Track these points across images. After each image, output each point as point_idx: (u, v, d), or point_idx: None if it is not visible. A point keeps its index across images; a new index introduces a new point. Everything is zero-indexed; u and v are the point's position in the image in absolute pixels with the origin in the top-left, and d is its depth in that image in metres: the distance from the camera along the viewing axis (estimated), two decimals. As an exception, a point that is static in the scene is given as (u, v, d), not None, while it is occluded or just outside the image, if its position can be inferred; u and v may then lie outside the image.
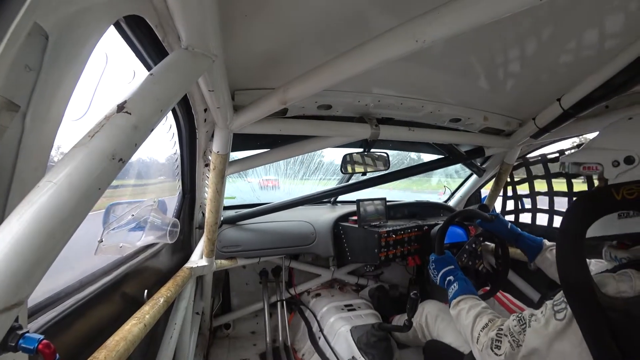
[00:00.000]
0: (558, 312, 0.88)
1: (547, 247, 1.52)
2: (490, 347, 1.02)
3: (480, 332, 1.08)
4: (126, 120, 0.56)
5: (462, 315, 1.20)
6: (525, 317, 0.98)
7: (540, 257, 1.52)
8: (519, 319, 0.99)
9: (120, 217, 1.23)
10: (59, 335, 0.82)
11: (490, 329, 1.06)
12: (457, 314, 1.23)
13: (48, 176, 0.48)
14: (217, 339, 2.41)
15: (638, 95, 1.44)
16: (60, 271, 0.90)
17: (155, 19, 0.77)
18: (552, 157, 2.10)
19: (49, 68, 0.54)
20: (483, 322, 1.10)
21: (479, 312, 1.16)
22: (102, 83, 0.79)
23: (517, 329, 0.97)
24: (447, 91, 1.49)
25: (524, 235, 1.60)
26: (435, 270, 1.46)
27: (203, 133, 1.46)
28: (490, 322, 1.09)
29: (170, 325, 1.46)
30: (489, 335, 1.05)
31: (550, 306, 0.91)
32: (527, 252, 1.57)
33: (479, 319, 1.13)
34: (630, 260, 0.94)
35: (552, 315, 0.89)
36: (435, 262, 1.48)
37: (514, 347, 0.95)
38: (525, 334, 0.94)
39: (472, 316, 1.15)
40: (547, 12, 0.97)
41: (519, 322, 0.98)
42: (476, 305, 1.20)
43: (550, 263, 1.49)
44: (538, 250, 1.53)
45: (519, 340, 0.95)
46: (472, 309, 1.19)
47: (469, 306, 1.21)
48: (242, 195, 3.02)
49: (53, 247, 0.45)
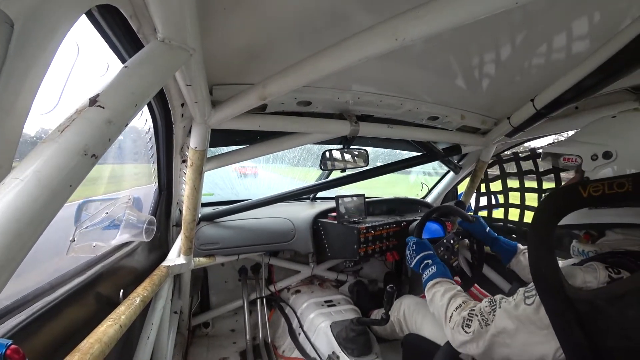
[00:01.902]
0: (528, 298, 0.93)
1: (521, 251, 1.59)
2: (461, 326, 1.08)
3: (453, 311, 1.14)
4: (99, 114, 0.54)
5: (437, 297, 1.25)
6: (497, 300, 1.03)
7: (515, 259, 1.59)
8: (490, 301, 1.05)
9: (94, 215, 1.19)
10: (29, 339, 0.78)
11: (463, 309, 1.11)
12: (432, 296, 1.28)
13: (14, 173, 0.45)
14: (196, 338, 2.37)
15: (605, 98, 1.51)
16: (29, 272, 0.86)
17: (130, 9, 0.74)
18: (524, 155, 2.18)
19: (14, 58, 0.51)
20: (457, 303, 1.16)
21: (454, 294, 1.21)
22: (73, 75, 0.76)
23: (488, 309, 1.03)
24: (426, 89, 1.51)
25: (499, 239, 1.66)
26: (414, 252, 1.51)
27: (180, 128, 1.42)
28: (463, 304, 1.15)
29: (147, 326, 1.43)
30: (461, 314, 1.10)
31: (522, 292, 0.97)
32: (502, 255, 1.64)
33: (453, 300, 1.18)
34: (597, 253, 0.99)
35: (522, 300, 0.94)
36: (415, 245, 1.53)
37: (482, 325, 1.01)
38: (495, 314, 1.00)
39: (447, 297, 1.20)
40: (521, 16, 1.00)
41: (490, 304, 1.04)
42: (451, 289, 1.25)
43: (523, 266, 1.56)
44: (512, 254, 1.60)
45: (488, 319, 1.01)
46: (447, 291, 1.23)
47: (444, 289, 1.25)
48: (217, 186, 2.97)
49: (20, 247, 0.43)
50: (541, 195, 2.09)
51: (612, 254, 0.93)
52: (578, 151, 1.05)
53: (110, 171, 1.77)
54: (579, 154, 1.04)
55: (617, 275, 0.83)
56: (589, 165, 1.01)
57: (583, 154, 1.03)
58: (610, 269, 0.85)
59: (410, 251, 1.54)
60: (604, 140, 1.00)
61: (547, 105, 1.40)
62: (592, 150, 1.01)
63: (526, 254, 1.55)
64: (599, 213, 0.98)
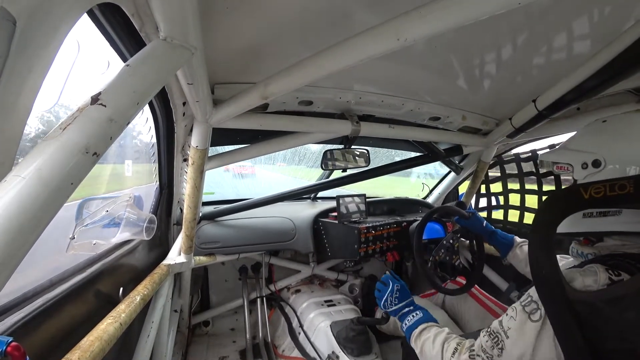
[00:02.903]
0: (532, 314, 0.89)
1: (518, 244, 1.60)
2: None
3: (450, 358, 1.06)
4: (101, 112, 0.54)
5: (428, 345, 1.15)
6: (496, 330, 0.96)
7: (512, 253, 1.60)
8: (489, 334, 0.98)
9: (94, 213, 1.19)
10: (29, 336, 0.78)
11: (461, 353, 1.04)
12: (421, 345, 1.18)
13: (16, 170, 0.45)
14: (196, 337, 2.38)
15: (608, 99, 1.51)
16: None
17: (132, 7, 0.74)
18: (525, 157, 2.17)
19: (16, 56, 0.51)
20: (452, 348, 1.07)
21: (445, 338, 1.13)
22: (73, 73, 0.76)
23: (489, 344, 0.96)
24: (427, 90, 1.51)
25: (497, 232, 1.67)
26: (396, 299, 1.38)
27: (181, 127, 1.42)
28: (458, 346, 1.07)
29: (148, 324, 1.43)
30: (460, 358, 1.03)
31: (521, 309, 0.92)
32: (500, 249, 1.65)
33: (446, 344, 1.10)
34: (596, 255, 0.99)
35: (527, 319, 0.89)
36: (400, 292, 1.39)
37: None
38: (504, 347, 0.93)
39: (439, 343, 1.12)
40: (523, 17, 1.00)
41: (490, 337, 0.97)
42: (441, 332, 1.16)
43: (520, 259, 1.56)
44: (510, 247, 1.60)
45: (493, 355, 0.94)
46: (437, 336, 1.15)
47: (433, 334, 1.16)
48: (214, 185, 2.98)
49: (22, 244, 0.44)
50: (541, 197, 2.08)
51: (612, 256, 0.93)
52: (569, 159, 1.04)
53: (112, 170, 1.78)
54: (570, 163, 1.03)
55: (618, 278, 0.83)
56: (580, 174, 0.99)
57: (574, 163, 1.02)
58: (610, 271, 0.84)
59: (392, 297, 1.38)
60: (593, 147, 0.98)
61: (549, 106, 1.40)
62: (582, 158, 0.99)
63: (523, 247, 1.57)
64: (596, 221, 0.95)
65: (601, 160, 0.95)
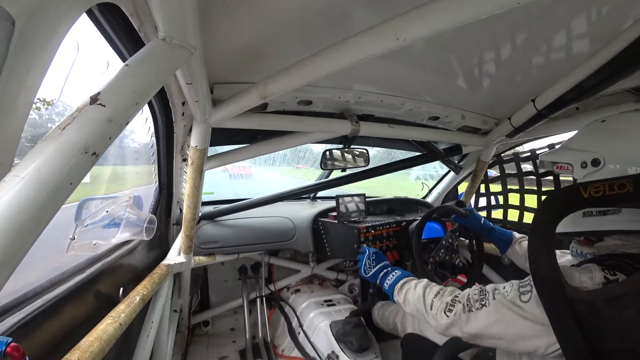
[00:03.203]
0: (523, 294, 0.91)
1: (517, 240, 1.60)
2: (444, 311, 1.05)
3: (433, 299, 1.10)
4: (100, 112, 0.54)
5: (410, 293, 1.19)
6: (488, 291, 1.00)
7: (511, 249, 1.60)
8: (480, 291, 1.02)
9: (94, 213, 1.19)
10: (29, 337, 0.78)
11: (444, 295, 1.08)
12: (404, 295, 1.22)
13: (15, 170, 0.45)
14: (195, 337, 2.38)
15: (607, 98, 1.51)
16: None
17: (131, 7, 0.74)
18: (524, 156, 2.17)
19: (15, 56, 0.51)
20: (434, 291, 1.13)
21: (426, 284, 1.18)
22: (72, 73, 0.75)
23: (476, 297, 1.00)
24: (427, 89, 1.51)
25: (495, 229, 1.67)
26: (373, 262, 1.44)
27: (181, 127, 1.42)
28: (441, 291, 1.12)
29: (147, 324, 1.43)
30: (443, 300, 1.07)
31: (517, 286, 0.94)
32: (499, 245, 1.65)
33: (428, 289, 1.15)
34: (595, 255, 0.99)
35: (517, 296, 0.92)
36: (376, 254, 1.46)
37: (465, 310, 0.99)
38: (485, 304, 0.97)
39: (420, 288, 1.17)
40: (522, 16, 1.00)
41: (480, 293, 1.01)
42: (421, 281, 1.22)
43: (519, 255, 1.57)
44: (509, 243, 1.61)
45: (472, 306, 0.99)
46: (418, 284, 1.20)
47: (414, 283, 1.22)
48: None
49: (21, 244, 0.43)
50: (540, 196, 2.09)
51: (610, 256, 0.93)
52: (568, 159, 1.05)
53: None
54: (570, 162, 1.04)
55: (614, 277, 0.83)
56: (579, 173, 1.00)
57: (573, 162, 1.03)
58: (606, 270, 0.85)
59: (369, 260, 1.45)
60: (592, 146, 0.99)
61: (548, 105, 1.40)
62: (581, 157, 1.00)
63: (522, 243, 1.58)
64: (596, 220, 0.96)
65: (600, 159, 0.95)
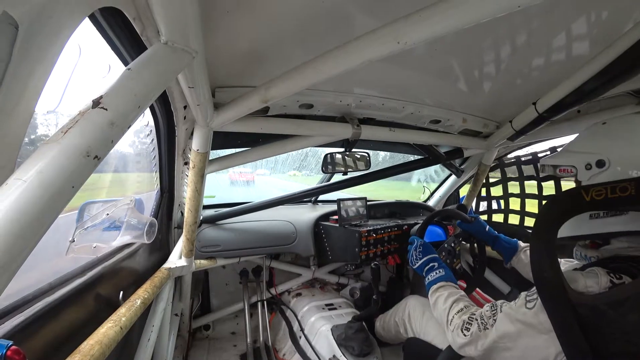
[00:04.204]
0: (529, 302, 0.93)
1: (522, 249, 1.58)
2: (460, 329, 1.09)
3: (454, 315, 1.15)
4: (102, 116, 0.54)
5: (441, 300, 1.25)
6: (498, 305, 1.04)
7: (515, 258, 1.58)
8: (491, 306, 1.06)
9: (95, 216, 1.19)
10: (29, 340, 0.78)
11: (464, 313, 1.13)
12: (435, 299, 1.28)
13: (17, 173, 0.45)
14: (196, 341, 2.37)
15: (608, 101, 1.51)
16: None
17: (134, 11, 0.75)
18: (525, 160, 2.17)
19: (18, 60, 0.51)
20: (459, 307, 1.17)
21: (456, 298, 1.22)
22: (74, 76, 0.76)
23: (488, 314, 1.04)
24: (428, 93, 1.51)
25: (500, 237, 1.65)
26: (420, 254, 1.48)
27: (182, 131, 1.42)
28: (465, 308, 1.16)
29: (148, 328, 1.43)
30: (461, 318, 1.11)
31: (524, 296, 0.97)
32: (503, 254, 1.63)
33: (455, 304, 1.19)
34: (599, 258, 0.99)
35: (523, 304, 0.94)
36: (423, 247, 1.51)
37: (481, 329, 1.02)
38: (497, 318, 1.00)
39: (450, 301, 1.21)
40: (522, 19, 1.00)
41: (491, 308, 1.05)
42: (455, 293, 1.25)
43: (524, 264, 1.55)
44: (513, 252, 1.59)
45: (487, 323, 1.02)
46: (451, 295, 1.24)
47: (448, 292, 1.26)
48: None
49: (23, 247, 0.43)
50: (541, 201, 2.08)
51: (614, 259, 0.92)
52: (572, 161, 1.05)
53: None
54: (574, 165, 1.04)
55: (619, 281, 0.83)
56: (584, 175, 1.00)
57: (577, 164, 1.03)
58: (611, 274, 0.84)
59: (416, 252, 1.50)
60: (596, 148, 0.99)
61: (549, 108, 1.40)
62: (585, 159, 1.00)
63: (527, 252, 1.56)
64: (603, 222, 0.96)
65: (605, 161, 0.95)
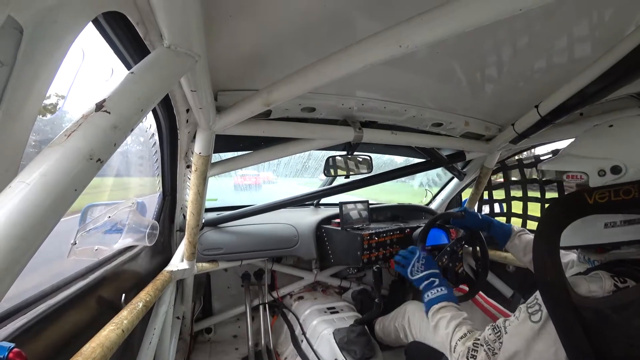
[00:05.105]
0: (533, 314, 0.90)
1: (516, 233, 1.59)
2: (466, 356, 1.03)
3: (457, 341, 1.10)
4: (105, 119, 0.54)
5: (443, 324, 1.20)
6: (500, 325, 0.99)
7: (510, 242, 1.59)
8: (493, 328, 1.01)
9: (97, 218, 1.19)
10: (31, 342, 0.78)
11: (468, 339, 1.07)
12: (437, 322, 1.23)
13: (21, 177, 0.46)
14: (198, 344, 2.36)
15: (610, 104, 1.51)
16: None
17: (137, 16, 0.75)
18: (528, 163, 2.17)
19: (23, 64, 0.52)
20: (462, 332, 1.12)
21: (459, 322, 1.17)
22: (76, 80, 0.76)
23: (492, 337, 0.99)
24: (430, 96, 1.51)
25: (494, 222, 1.66)
26: (422, 266, 1.43)
27: (185, 134, 1.43)
28: (468, 333, 1.11)
29: (150, 331, 1.42)
30: (466, 344, 1.06)
31: (525, 309, 0.94)
32: (498, 239, 1.64)
33: (458, 329, 1.14)
34: (602, 262, 0.98)
35: (527, 318, 0.91)
36: (426, 259, 1.45)
37: (490, 355, 0.97)
38: (502, 340, 0.96)
39: (452, 326, 1.16)
40: (524, 22, 1.00)
41: (494, 331, 1.00)
42: (458, 316, 1.20)
43: (519, 249, 1.56)
44: (508, 236, 1.60)
45: (494, 348, 0.97)
46: (453, 318, 1.19)
47: (450, 315, 1.21)
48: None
49: (25, 250, 0.44)
50: (544, 204, 2.07)
51: (618, 263, 0.92)
52: (582, 167, 0.98)
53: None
54: (584, 171, 0.97)
55: (623, 285, 0.82)
56: (597, 181, 0.94)
57: (589, 170, 0.96)
58: (616, 278, 0.84)
59: (419, 263, 1.44)
60: (608, 152, 0.94)
61: (552, 111, 1.40)
62: (597, 165, 0.94)
63: (522, 237, 1.57)
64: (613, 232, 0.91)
65: (621, 166, 0.90)
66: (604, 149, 0.96)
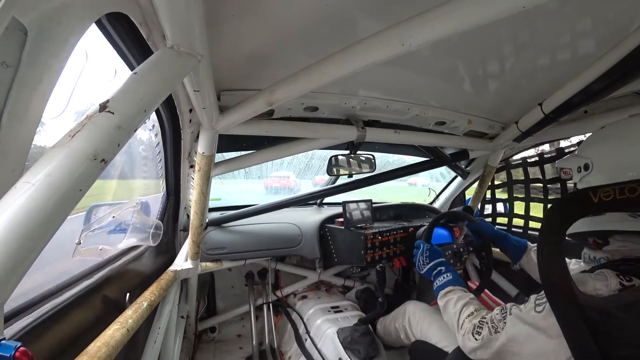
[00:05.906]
0: (538, 305, 0.92)
1: (531, 248, 1.56)
2: (471, 333, 1.08)
3: (465, 319, 1.14)
4: (109, 120, 0.55)
5: (451, 304, 1.24)
6: (507, 307, 1.03)
7: (525, 257, 1.56)
8: (501, 309, 1.04)
9: (101, 218, 1.20)
10: (37, 341, 0.79)
11: (475, 317, 1.12)
12: (445, 303, 1.27)
13: (26, 177, 0.46)
14: (202, 343, 2.37)
15: (614, 102, 1.49)
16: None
17: (140, 16, 0.76)
18: (531, 161, 2.15)
19: (27, 65, 0.52)
20: (469, 311, 1.16)
21: (466, 302, 1.21)
22: (80, 81, 0.77)
23: (499, 317, 1.02)
24: (433, 94, 1.51)
25: (509, 236, 1.63)
26: (427, 258, 1.46)
27: (188, 134, 1.43)
28: (476, 312, 1.14)
29: (154, 330, 1.43)
30: (472, 322, 1.10)
31: (534, 299, 0.95)
32: (513, 253, 1.60)
33: (465, 308, 1.18)
34: (608, 260, 0.98)
35: (533, 308, 0.93)
36: (429, 251, 1.48)
37: (492, 332, 1.01)
38: (506, 322, 0.99)
39: (460, 305, 1.20)
40: (527, 20, 1.00)
41: (501, 312, 1.03)
42: (465, 296, 1.24)
43: (534, 264, 1.52)
44: (523, 251, 1.57)
45: (498, 327, 1.00)
46: (460, 299, 1.23)
47: (457, 296, 1.24)
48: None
49: (31, 250, 0.44)
50: (546, 204, 2.06)
51: (624, 261, 0.91)
52: (569, 164, 1.10)
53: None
54: (570, 167, 1.09)
55: (629, 283, 0.82)
56: (577, 177, 1.06)
57: (573, 167, 1.08)
58: (621, 276, 0.83)
59: (423, 257, 1.48)
60: (587, 152, 1.04)
61: (556, 109, 1.39)
62: (578, 162, 1.05)
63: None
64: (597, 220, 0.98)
65: (589, 164, 1.01)
66: (585, 149, 1.07)
